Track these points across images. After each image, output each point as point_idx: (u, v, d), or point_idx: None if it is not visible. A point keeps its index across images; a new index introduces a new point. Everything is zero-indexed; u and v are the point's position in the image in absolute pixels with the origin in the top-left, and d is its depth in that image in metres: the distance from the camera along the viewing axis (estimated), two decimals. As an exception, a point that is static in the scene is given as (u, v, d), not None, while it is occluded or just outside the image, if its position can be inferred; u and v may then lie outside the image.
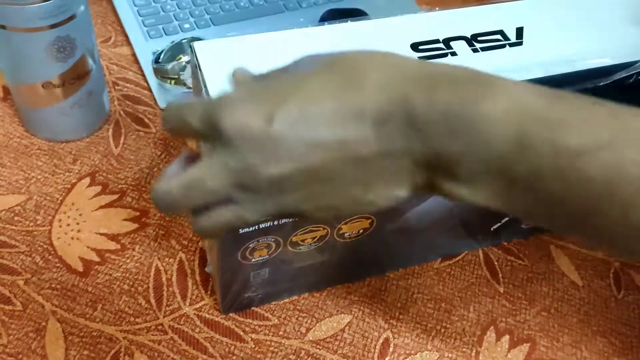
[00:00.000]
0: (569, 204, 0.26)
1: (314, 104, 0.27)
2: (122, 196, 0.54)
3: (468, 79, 0.27)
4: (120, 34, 0.67)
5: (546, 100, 0.26)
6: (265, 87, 0.28)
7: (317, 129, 0.27)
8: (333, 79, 0.27)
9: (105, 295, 0.48)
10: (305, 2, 0.72)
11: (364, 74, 0.27)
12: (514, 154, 0.26)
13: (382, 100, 0.26)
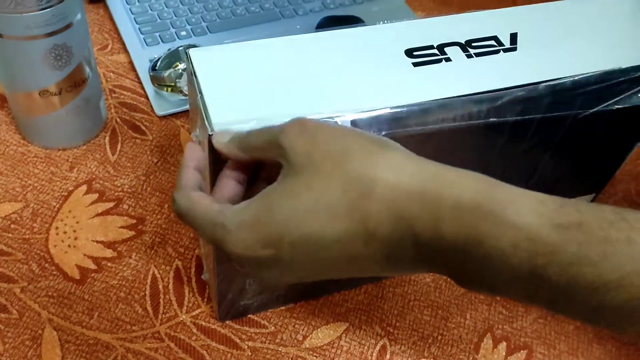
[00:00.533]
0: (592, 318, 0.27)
1: (321, 235, 0.28)
2: (119, 204, 0.54)
3: (472, 209, 0.26)
4: (117, 42, 0.67)
5: (559, 231, 0.25)
6: (271, 208, 0.29)
7: (324, 256, 0.29)
8: (339, 206, 0.28)
9: (102, 303, 0.47)
10: (301, 9, 0.73)
11: (369, 201, 0.27)
12: (530, 283, 0.26)
13: (390, 229, 0.27)
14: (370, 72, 0.37)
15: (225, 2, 0.72)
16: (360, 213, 0.27)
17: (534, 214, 0.26)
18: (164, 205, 0.54)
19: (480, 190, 0.27)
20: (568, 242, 0.25)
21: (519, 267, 0.25)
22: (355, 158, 0.28)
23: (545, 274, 0.25)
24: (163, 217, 0.53)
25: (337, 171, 0.28)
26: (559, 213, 0.26)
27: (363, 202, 0.27)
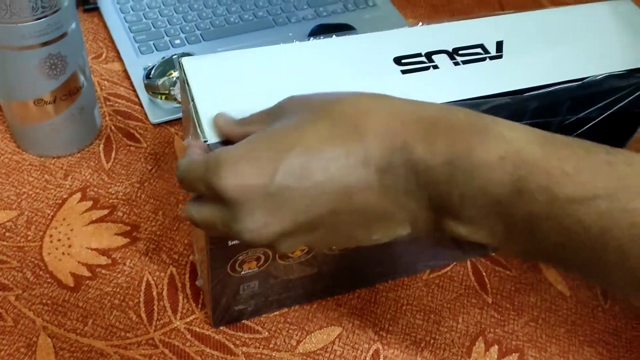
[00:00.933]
0: (566, 249, 0.26)
1: (316, 157, 0.27)
2: (113, 211, 0.54)
3: (463, 126, 0.27)
4: (111, 50, 0.68)
5: (541, 147, 0.26)
6: (263, 140, 0.28)
7: (321, 181, 0.27)
8: (333, 129, 0.27)
9: (96, 310, 0.48)
10: (294, 17, 0.74)
11: (364, 123, 0.27)
12: (510, 199, 0.26)
13: (384, 149, 0.27)
14: (360, 79, 0.38)
15: (219, 11, 0.73)
16: (357, 133, 0.27)
17: (523, 132, 0.27)
18: (158, 212, 0.55)
19: (473, 114, 0.28)
20: (549, 157, 0.26)
21: (502, 182, 0.26)
22: (350, 97, 0.29)
23: (526, 188, 0.26)
24: (157, 224, 0.54)
25: (335, 105, 0.28)
26: (546, 138, 0.27)
27: (360, 123, 0.27)
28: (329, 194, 0.27)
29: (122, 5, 0.72)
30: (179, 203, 0.55)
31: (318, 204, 0.27)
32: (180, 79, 0.37)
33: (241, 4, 0.74)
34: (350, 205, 0.28)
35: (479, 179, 0.26)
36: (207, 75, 0.36)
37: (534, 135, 0.27)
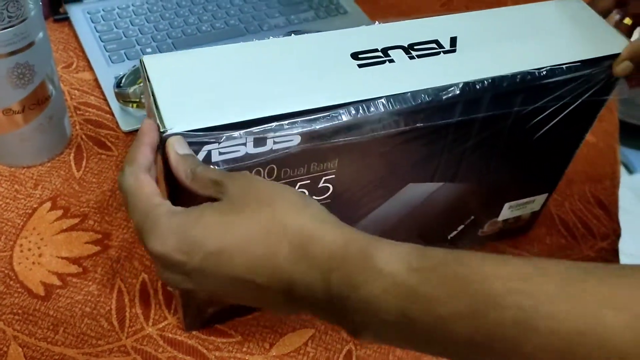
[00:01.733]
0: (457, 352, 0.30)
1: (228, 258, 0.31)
2: (84, 219, 0.54)
3: (355, 262, 0.30)
4: (82, 60, 0.68)
5: (419, 275, 0.29)
6: (197, 223, 0.32)
7: (228, 274, 0.32)
8: (256, 234, 0.31)
9: (67, 319, 0.48)
10: (266, 25, 0.74)
11: (282, 240, 0.31)
12: (403, 325, 0.30)
13: (289, 267, 0.31)
14: (317, 73, 0.39)
15: (191, 20, 0.73)
16: (271, 247, 0.31)
17: (398, 262, 0.30)
18: (129, 220, 0.55)
19: (363, 243, 0.31)
20: (421, 283, 0.29)
21: (389, 310, 0.29)
22: (280, 203, 0.32)
23: (412, 315, 0.29)
24: (129, 232, 0.54)
25: (262, 209, 0.32)
26: (418, 260, 0.30)
27: (275, 239, 0.31)
28: (233, 283, 0.32)
29: (93, 15, 0.72)
30: (151, 210, 0.56)
31: (221, 284, 0.32)
32: (142, 77, 0.38)
33: (213, 12, 0.74)
34: (247, 294, 0.33)
35: (370, 311, 0.30)
36: (167, 72, 0.37)
37: (408, 262, 0.30)
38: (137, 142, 0.35)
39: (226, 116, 0.35)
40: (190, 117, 0.34)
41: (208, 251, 0.31)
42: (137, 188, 0.33)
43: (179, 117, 0.34)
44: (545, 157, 0.49)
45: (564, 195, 0.62)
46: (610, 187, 0.63)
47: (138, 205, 0.33)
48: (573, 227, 0.59)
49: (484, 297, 0.28)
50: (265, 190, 0.33)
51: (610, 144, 0.68)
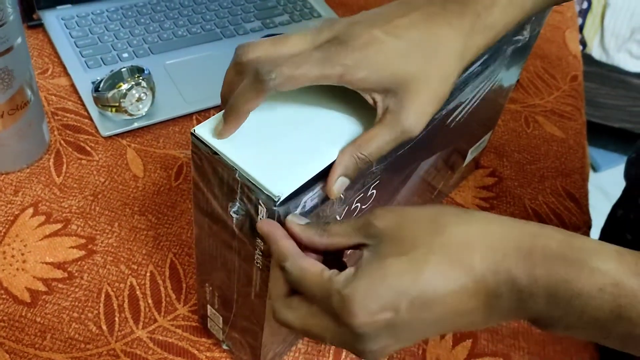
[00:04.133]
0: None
1: (433, 294, 0.30)
2: (67, 224, 0.53)
3: (558, 257, 0.30)
4: (57, 66, 0.67)
5: (637, 277, 0.29)
6: (380, 275, 0.30)
7: (438, 313, 0.30)
8: (442, 266, 0.30)
9: (55, 325, 0.47)
10: (241, 29, 0.75)
11: (469, 257, 0.30)
12: (609, 321, 0.29)
13: (492, 282, 0.30)
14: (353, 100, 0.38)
15: (166, 24, 0.73)
16: (465, 268, 0.30)
17: (616, 263, 0.30)
18: (114, 223, 0.54)
19: (564, 243, 0.31)
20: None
21: (601, 308, 0.29)
22: (447, 222, 0.31)
23: (626, 314, 0.29)
24: (114, 236, 0.54)
25: (435, 237, 0.31)
26: (637, 265, 0.30)
27: (466, 256, 0.30)
28: (444, 320, 0.31)
29: (67, 21, 0.71)
30: (134, 214, 0.55)
31: (433, 329, 0.31)
32: (199, 153, 0.35)
33: (189, 17, 0.75)
34: (455, 326, 0.32)
35: (578, 305, 0.30)
36: (231, 141, 0.34)
37: (628, 265, 0.30)
38: (274, 241, 0.33)
39: (311, 166, 0.34)
40: (283, 178, 0.33)
41: (410, 300, 0.30)
42: (304, 274, 0.32)
43: (276, 181, 0.33)
44: (492, 107, 0.54)
45: (537, 190, 0.64)
46: (580, 180, 0.66)
47: (316, 290, 0.31)
48: (546, 219, 0.61)
49: None
50: (421, 216, 0.32)
51: (579, 140, 0.71)
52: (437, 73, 0.36)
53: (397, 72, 0.35)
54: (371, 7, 0.38)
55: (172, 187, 0.58)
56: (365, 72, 0.34)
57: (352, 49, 0.34)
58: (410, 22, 0.36)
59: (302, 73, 0.34)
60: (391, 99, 0.35)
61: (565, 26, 0.87)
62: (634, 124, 1.69)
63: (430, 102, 0.36)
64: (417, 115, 0.35)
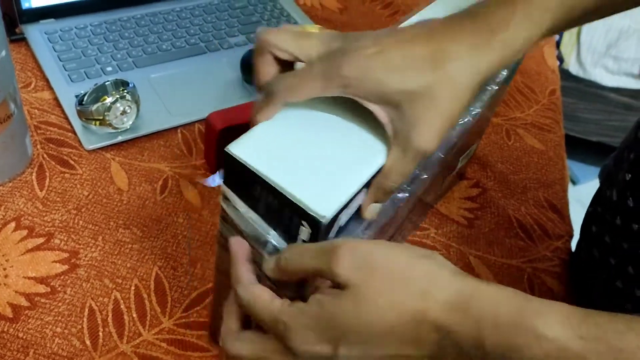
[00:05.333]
0: None
1: (375, 340, 0.31)
2: (50, 239, 0.53)
3: (510, 324, 0.30)
4: (40, 79, 0.67)
5: (582, 343, 0.29)
6: (328, 313, 0.31)
7: (377, 355, 0.31)
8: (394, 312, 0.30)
9: (38, 340, 0.46)
10: (226, 43, 0.75)
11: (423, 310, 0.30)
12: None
13: (437, 337, 0.30)
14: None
15: (151, 38, 0.73)
16: (414, 321, 0.30)
17: (562, 327, 0.30)
18: (97, 237, 0.54)
19: (515, 305, 0.30)
20: (590, 352, 0.29)
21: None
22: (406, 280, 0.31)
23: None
24: (98, 250, 0.53)
25: (394, 291, 0.31)
26: (581, 327, 0.30)
27: (417, 314, 0.30)
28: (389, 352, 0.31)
29: (50, 35, 0.71)
30: (118, 227, 0.55)
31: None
32: (234, 173, 0.35)
33: (173, 32, 0.75)
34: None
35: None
36: (263, 158, 0.34)
37: (572, 329, 0.30)
38: (235, 261, 0.35)
39: (348, 185, 0.34)
40: (325, 197, 0.33)
41: (351, 339, 0.31)
42: (254, 300, 0.33)
43: (319, 201, 0.33)
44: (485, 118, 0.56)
45: (520, 201, 0.65)
46: (561, 191, 0.67)
47: (264, 315, 0.33)
48: (530, 230, 0.62)
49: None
50: (382, 266, 0.31)
51: (559, 152, 0.73)
52: (446, 89, 0.35)
53: (401, 87, 0.34)
54: (355, 23, 0.38)
55: (157, 201, 0.58)
56: (368, 85, 0.34)
57: (355, 60, 0.34)
58: (416, 37, 0.35)
59: (307, 85, 0.35)
60: (399, 118, 0.35)
61: (543, 42, 0.89)
62: (611, 137, 1.72)
63: (440, 118, 0.35)
64: (428, 133, 0.35)
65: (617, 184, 0.54)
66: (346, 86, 0.34)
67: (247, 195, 0.35)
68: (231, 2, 0.81)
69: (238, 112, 0.60)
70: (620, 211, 0.52)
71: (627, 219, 0.52)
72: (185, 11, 0.78)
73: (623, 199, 0.52)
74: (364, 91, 0.34)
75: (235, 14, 0.80)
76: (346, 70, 0.34)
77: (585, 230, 0.61)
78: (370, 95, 0.35)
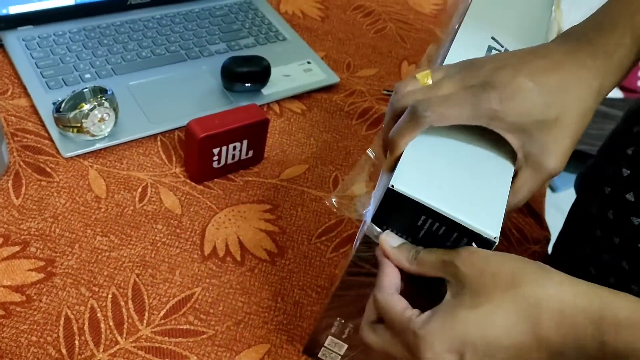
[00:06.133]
0: None
1: (495, 347, 0.33)
2: (26, 247, 0.52)
3: (630, 325, 0.31)
4: (17, 87, 0.66)
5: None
6: (450, 320, 0.34)
7: (502, 355, 0.33)
8: (510, 317, 0.33)
9: (12, 349, 0.45)
10: (206, 51, 0.75)
11: (538, 317, 0.33)
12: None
13: (558, 338, 0.32)
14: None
15: (130, 46, 0.73)
16: (532, 323, 0.33)
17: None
18: (74, 245, 0.53)
19: (633, 309, 0.32)
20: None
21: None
22: (523, 280, 0.34)
23: None
24: (74, 258, 0.52)
25: (509, 291, 0.33)
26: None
27: (534, 314, 0.33)
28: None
29: (28, 42, 0.70)
30: (96, 235, 0.54)
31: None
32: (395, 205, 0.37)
33: (153, 39, 0.75)
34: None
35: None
36: (429, 190, 0.37)
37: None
38: (384, 264, 0.38)
39: (499, 202, 0.38)
40: (486, 217, 0.36)
41: (475, 347, 0.33)
42: (390, 308, 0.36)
43: (484, 221, 0.36)
44: None
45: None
46: (539, 197, 0.68)
47: (396, 324, 0.36)
48: (509, 233, 0.63)
49: None
50: (503, 268, 0.34)
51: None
52: (576, 114, 0.39)
53: (537, 118, 0.38)
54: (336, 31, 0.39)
55: (136, 209, 0.57)
56: (511, 119, 0.38)
57: (501, 96, 0.37)
58: (551, 66, 0.39)
59: (456, 113, 0.38)
60: (533, 143, 0.38)
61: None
62: (590, 145, 1.75)
63: (570, 142, 0.39)
64: (559, 157, 0.39)
65: (595, 196, 0.55)
66: (492, 118, 0.38)
67: (405, 227, 0.38)
68: (212, 10, 0.81)
69: (219, 120, 0.60)
70: (600, 224, 0.53)
71: (607, 231, 0.52)
72: (166, 18, 0.78)
73: (603, 211, 0.53)
74: (506, 124, 0.38)
75: (216, 21, 0.80)
76: (495, 105, 0.38)
77: (563, 241, 0.61)
78: (511, 129, 0.38)
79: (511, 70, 0.39)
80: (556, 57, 0.40)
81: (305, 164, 0.65)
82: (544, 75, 0.38)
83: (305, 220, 0.60)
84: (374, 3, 0.92)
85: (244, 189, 0.61)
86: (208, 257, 0.55)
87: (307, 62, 0.77)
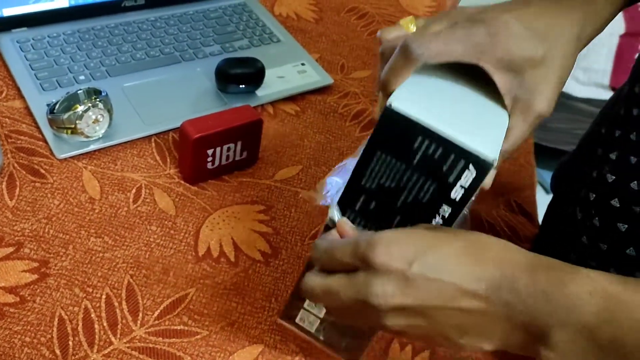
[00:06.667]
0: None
1: (446, 263, 0.34)
2: (20, 248, 0.52)
3: (558, 267, 0.34)
4: (12, 88, 0.66)
5: (623, 286, 0.33)
6: (411, 234, 0.36)
7: (444, 280, 0.34)
8: (463, 249, 0.35)
9: (6, 350, 0.45)
10: (200, 53, 0.76)
11: (486, 252, 0.35)
12: (597, 325, 0.32)
13: (497, 274, 0.34)
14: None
15: (125, 47, 0.73)
16: (481, 258, 0.35)
17: (604, 275, 0.34)
18: (68, 246, 0.53)
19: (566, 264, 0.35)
20: (631, 293, 0.33)
21: (590, 310, 0.32)
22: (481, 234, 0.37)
23: (613, 316, 0.32)
24: (68, 259, 0.52)
25: (466, 235, 0.36)
26: (620, 277, 0.33)
27: (484, 252, 0.35)
28: (446, 291, 0.34)
29: (22, 44, 0.70)
30: (90, 236, 0.54)
31: (434, 295, 0.34)
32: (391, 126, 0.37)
33: (147, 40, 0.75)
34: (456, 305, 0.34)
35: (569, 307, 0.33)
36: (428, 113, 0.37)
37: (614, 277, 0.34)
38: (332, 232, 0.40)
39: (498, 131, 0.38)
40: (484, 141, 0.36)
41: (425, 257, 0.34)
42: (333, 244, 0.37)
43: (481, 145, 0.36)
44: None
45: (492, 205, 0.66)
46: (531, 196, 0.68)
47: (342, 245, 0.37)
48: (501, 232, 0.63)
49: None
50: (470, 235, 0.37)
51: (528, 159, 0.74)
52: (559, 59, 0.40)
53: (525, 54, 0.38)
54: (329, 34, 0.40)
55: (130, 210, 0.57)
56: (500, 54, 0.38)
57: (490, 30, 0.38)
58: (534, 13, 0.40)
59: (447, 48, 0.38)
60: (519, 86, 0.39)
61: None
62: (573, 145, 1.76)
63: (556, 85, 0.40)
64: (547, 97, 0.39)
65: (577, 200, 0.55)
66: (482, 52, 0.38)
67: (400, 150, 0.37)
68: (206, 12, 0.82)
69: (213, 121, 0.60)
70: (586, 230, 0.53)
71: (594, 238, 0.52)
72: (160, 20, 0.78)
73: (589, 218, 0.52)
74: (495, 60, 0.38)
75: (210, 23, 0.80)
76: (483, 39, 0.38)
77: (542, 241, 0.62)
78: (499, 63, 0.39)
79: (496, 10, 0.40)
80: (539, 6, 0.41)
81: (299, 165, 0.65)
82: (527, 19, 0.40)
83: (298, 221, 0.60)
84: (367, 5, 0.92)
85: (238, 190, 0.61)
86: (202, 257, 0.55)
87: (301, 63, 0.77)
